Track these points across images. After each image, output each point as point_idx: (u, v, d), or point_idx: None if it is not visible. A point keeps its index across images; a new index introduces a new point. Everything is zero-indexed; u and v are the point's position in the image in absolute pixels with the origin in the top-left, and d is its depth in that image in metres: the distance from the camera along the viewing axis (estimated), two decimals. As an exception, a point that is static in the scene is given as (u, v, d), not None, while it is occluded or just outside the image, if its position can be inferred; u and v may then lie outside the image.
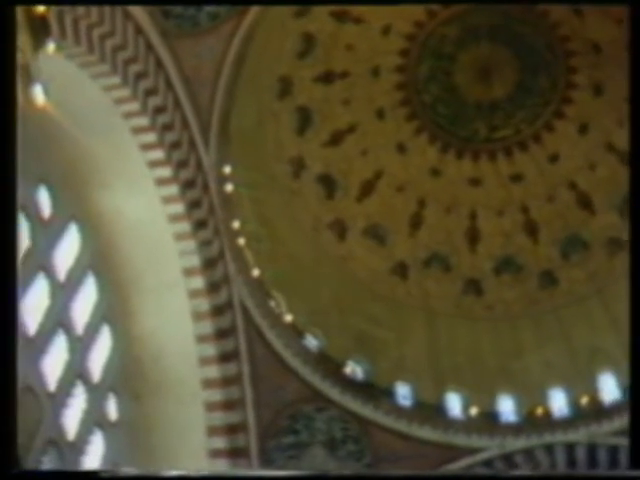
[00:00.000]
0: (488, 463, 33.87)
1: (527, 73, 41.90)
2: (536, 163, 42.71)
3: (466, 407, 36.86)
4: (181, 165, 29.83)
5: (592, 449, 33.96)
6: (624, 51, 38.53)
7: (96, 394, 26.68)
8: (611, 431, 34.02)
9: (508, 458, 34.23)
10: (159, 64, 28.65)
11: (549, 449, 34.38)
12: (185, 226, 29.78)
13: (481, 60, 41.69)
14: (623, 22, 37.91)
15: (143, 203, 28.85)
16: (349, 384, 34.84)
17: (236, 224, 33.35)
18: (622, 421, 33.61)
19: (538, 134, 42.63)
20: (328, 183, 40.45)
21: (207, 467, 28.60)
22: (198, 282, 30.04)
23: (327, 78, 39.42)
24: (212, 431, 29.41)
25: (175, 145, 29.46)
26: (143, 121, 28.30)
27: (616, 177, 40.74)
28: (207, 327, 30.00)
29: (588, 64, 40.64)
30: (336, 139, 40.36)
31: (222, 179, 32.52)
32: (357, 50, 39.41)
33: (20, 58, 16.25)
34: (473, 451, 34.28)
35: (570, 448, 34.25)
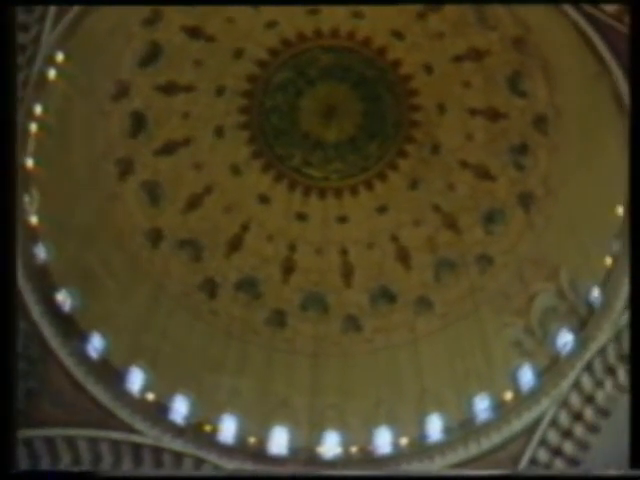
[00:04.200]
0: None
1: (364, 134, 42.93)
2: (322, 215, 43.66)
3: (146, 388, 36.83)
4: (20, 28, 28.47)
5: None
6: (456, 163, 40.92)
7: None
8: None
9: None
10: None
11: None
12: (-14, 86, 28.41)
13: (333, 99, 42.36)
14: (474, 138, 40.04)
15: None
16: (52, 310, 33.68)
17: (38, 109, 32.06)
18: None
19: (341, 191, 43.74)
20: (139, 121, 39.57)
21: None
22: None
23: (193, 32, 38.89)
24: None
25: (27, 10, 28.19)
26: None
27: (384, 268, 42.45)
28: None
29: (419, 156, 42.37)
30: (170, 89, 39.72)
31: (50, 62, 31.20)
32: (234, 23, 39.15)
33: None
34: (133, 431, 34.21)
35: None
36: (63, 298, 35.02)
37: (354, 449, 37.58)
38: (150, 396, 36.48)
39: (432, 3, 38.03)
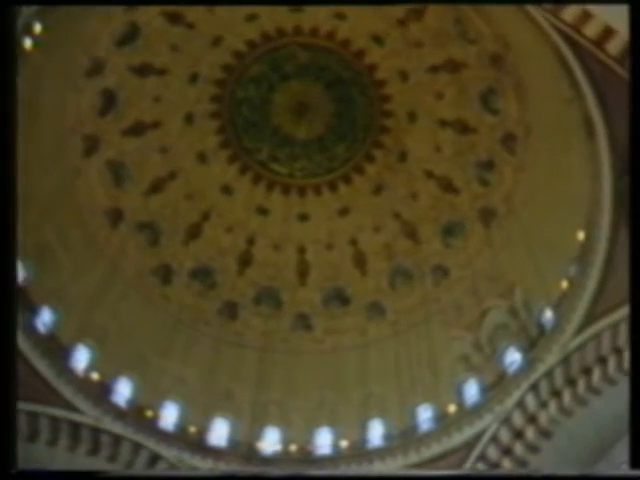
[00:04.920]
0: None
1: (334, 135, 42.99)
2: (283, 212, 43.63)
3: (91, 367, 36.56)
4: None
5: None
6: (422, 172, 41.14)
7: None
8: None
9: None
10: None
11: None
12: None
13: (306, 97, 42.34)
14: (441, 150, 40.27)
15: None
16: (3, 280, 33.32)
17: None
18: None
19: (304, 190, 43.75)
20: (110, 100, 39.21)
21: None
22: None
23: (173, 18, 38.71)
24: None
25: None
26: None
27: (340, 270, 42.59)
28: None
29: (386, 162, 42.51)
30: (144, 70, 39.49)
31: (28, 32, 30.94)
32: (215, 12, 38.86)
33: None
34: (73, 409, 33.99)
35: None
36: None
37: (294, 447, 37.69)
38: (94, 376, 36.23)
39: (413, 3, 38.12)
